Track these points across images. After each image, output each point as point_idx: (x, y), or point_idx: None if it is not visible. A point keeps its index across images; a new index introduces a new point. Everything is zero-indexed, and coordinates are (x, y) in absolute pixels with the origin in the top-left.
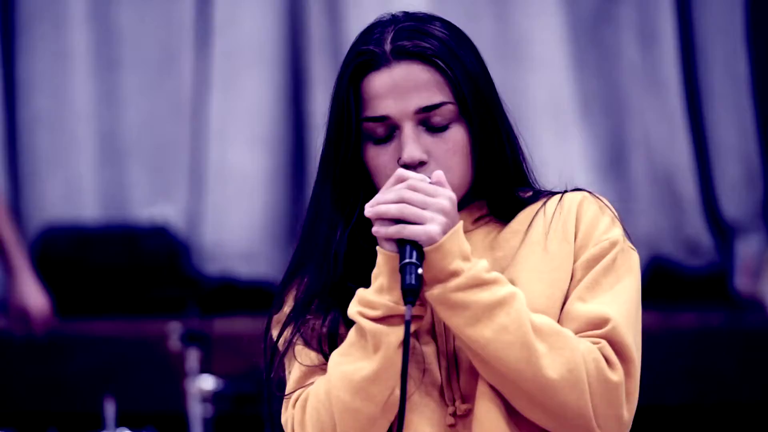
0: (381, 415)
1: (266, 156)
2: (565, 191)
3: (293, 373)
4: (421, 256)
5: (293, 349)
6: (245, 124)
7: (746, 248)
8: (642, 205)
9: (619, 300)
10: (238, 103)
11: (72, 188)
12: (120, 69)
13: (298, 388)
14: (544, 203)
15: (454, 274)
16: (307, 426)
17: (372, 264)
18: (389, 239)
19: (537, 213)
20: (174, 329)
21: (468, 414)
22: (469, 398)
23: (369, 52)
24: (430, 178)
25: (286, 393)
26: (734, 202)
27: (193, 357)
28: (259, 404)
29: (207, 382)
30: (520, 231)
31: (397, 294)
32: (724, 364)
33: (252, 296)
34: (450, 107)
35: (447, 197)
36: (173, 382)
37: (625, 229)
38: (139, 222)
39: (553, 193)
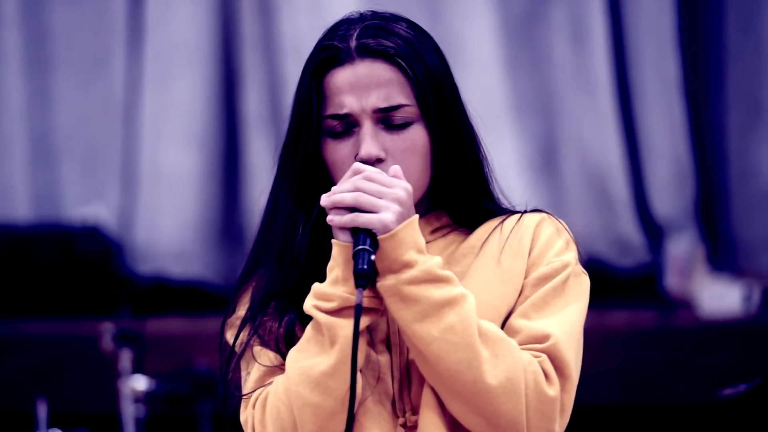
0: (341, 410)
1: (199, 156)
2: (525, 211)
3: (252, 374)
4: (375, 245)
5: (251, 350)
6: (178, 123)
7: (677, 247)
8: (574, 205)
9: (564, 321)
10: (171, 103)
11: (4, 188)
12: (52, 69)
13: (258, 388)
14: (503, 221)
15: (408, 265)
16: (268, 424)
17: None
18: (344, 229)
19: (494, 229)
20: (107, 329)
21: (417, 425)
22: (419, 410)
23: (333, 48)
24: (387, 173)
25: (245, 393)
26: (665, 202)
27: (125, 357)
28: (192, 404)
29: (140, 383)
30: (476, 247)
31: (352, 284)
32: (654, 363)
33: (185, 296)
34: (410, 108)
35: (403, 188)
36: (106, 382)
37: (579, 253)
38: (72, 222)
39: (514, 212)
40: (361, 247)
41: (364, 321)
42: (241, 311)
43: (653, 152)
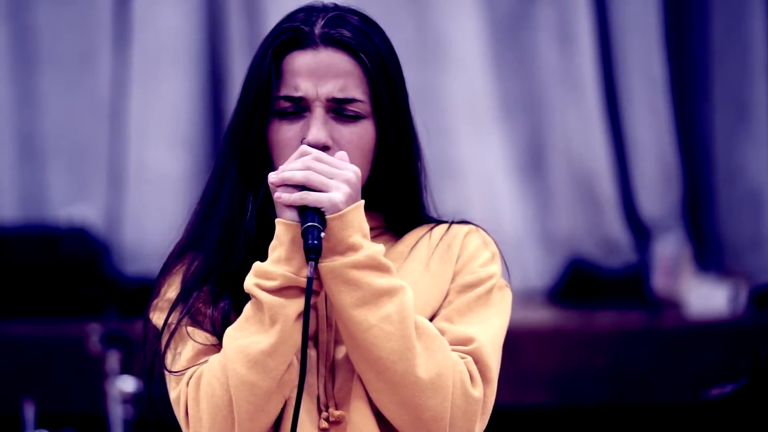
0: (277, 391)
1: (185, 156)
2: (453, 222)
3: (185, 353)
4: (323, 224)
5: (182, 330)
6: (164, 123)
7: (663, 248)
8: (561, 205)
9: (486, 328)
10: (157, 103)
11: None
12: (38, 69)
13: (191, 366)
14: (431, 229)
15: (352, 248)
16: (202, 401)
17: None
18: (291, 207)
19: (423, 236)
20: (93, 330)
21: (341, 420)
22: (342, 405)
23: (298, 30)
24: None
25: (177, 370)
26: (652, 202)
27: (113, 358)
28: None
29: (127, 384)
30: (405, 252)
31: (296, 264)
32: (641, 363)
33: None
34: (363, 105)
35: (352, 170)
36: (93, 383)
37: (506, 268)
38: (58, 222)
39: (442, 221)
40: (310, 223)
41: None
42: (171, 293)
43: (640, 152)
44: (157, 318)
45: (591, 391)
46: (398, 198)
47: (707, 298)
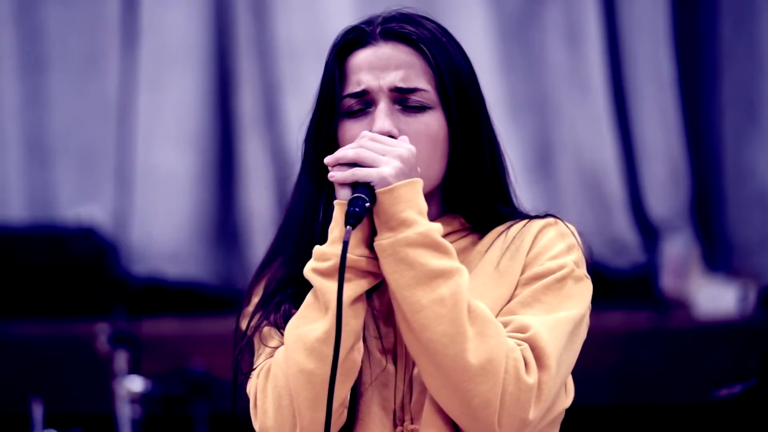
0: (339, 378)
1: (193, 156)
2: (536, 216)
3: (263, 355)
4: (373, 199)
5: (260, 333)
6: (172, 124)
7: (672, 248)
8: (569, 206)
9: (548, 317)
10: (165, 104)
11: None
12: (46, 69)
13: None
14: (509, 226)
15: (405, 223)
16: (268, 391)
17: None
18: (345, 186)
19: (500, 235)
20: (102, 330)
21: None
22: (417, 419)
23: (358, 30)
24: None
25: (254, 368)
26: (660, 202)
27: (121, 358)
28: (187, 405)
29: (135, 383)
30: (481, 252)
31: (352, 243)
32: (650, 363)
33: (180, 297)
34: (428, 94)
35: (406, 148)
36: (101, 383)
37: (587, 261)
38: (66, 223)
39: (524, 217)
40: (356, 195)
41: (364, 284)
42: (256, 299)
43: (648, 152)
44: (244, 324)
45: (599, 391)
46: (477, 196)
47: (716, 298)
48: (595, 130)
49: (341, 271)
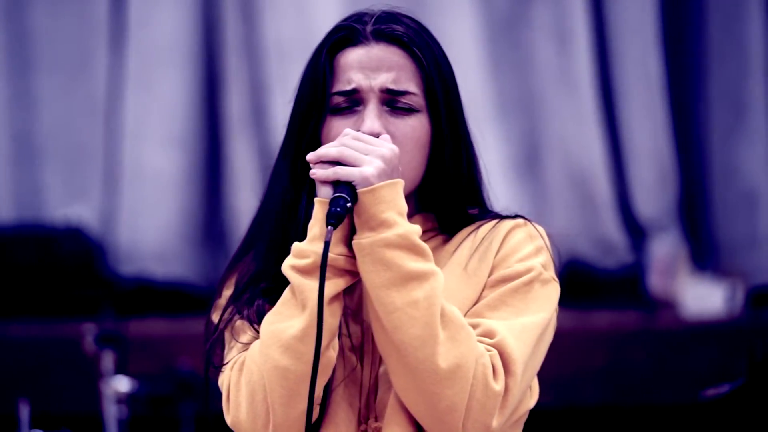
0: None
1: (181, 156)
2: (506, 217)
3: (235, 348)
4: (354, 198)
5: (236, 325)
6: (160, 124)
7: (660, 248)
8: (556, 206)
9: (516, 321)
10: (153, 103)
11: None
12: (34, 69)
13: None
14: (478, 227)
15: (385, 224)
16: (241, 385)
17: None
18: (326, 184)
19: (469, 235)
20: (89, 330)
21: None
22: (382, 418)
23: (350, 28)
24: None
25: (226, 362)
26: (648, 202)
27: (108, 358)
28: (175, 405)
29: (122, 384)
30: (450, 252)
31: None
32: (638, 364)
33: (167, 297)
34: (417, 98)
35: (389, 148)
36: (88, 383)
37: (555, 263)
38: (54, 223)
39: (494, 218)
40: (338, 194)
41: (341, 283)
42: (229, 291)
43: (636, 153)
44: (215, 317)
45: (587, 392)
46: (452, 197)
47: (703, 298)
48: (583, 130)
49: (322, 271)
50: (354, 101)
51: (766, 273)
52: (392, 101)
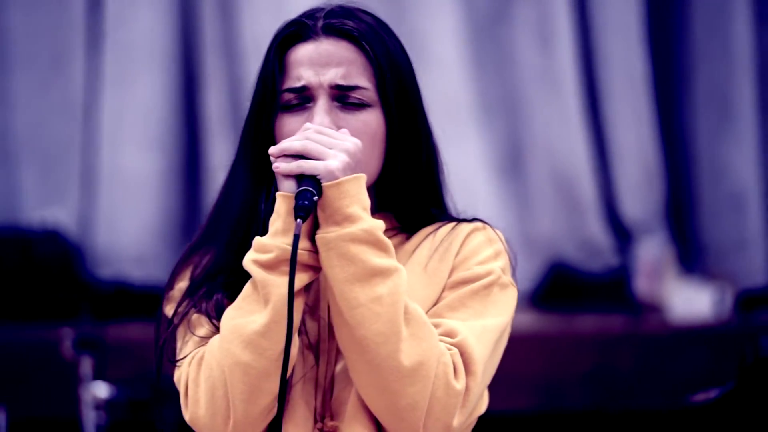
0: (274, 371)
1: (159, 157)
2: (464, 220)
3: (190, 343)
4: (319, 192)
5: (191, 319)
6: (138, 124)
7: (646, 250)
8: (540, 208)
9: (476, 323)
10: (131, 104)
11: None
12: (9, 69)
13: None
14: (438, 228)
15: (349, 218)
16: (200, 381)
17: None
18: (290, 178)
19: (428, 236)
20: (66, 335)
21: (334, 431)
22: (338, 416)
23: (300, 24)
24: None
25: (181, 358)
26: (634, 204)
27: (86, 363)
28: (154, 410)
29: (101, 389)
30: (409, 252)
31: (293, 235)
32: (624, 368)
33: (146, 301)
34: (368, 92)
35: (352, 142)
36: (66, 389)
37: (513, 267)
38: (31, 225)
39: (453, 220)
40: (304, 187)
41: (305, 278)
42: (183, 284)
43: (621, 153)
44: (169, 309)
45: (573, 396)
46: (410, 195)
47: (691, 301)
48: (566, 131)
49: (292, 265)
50: (304, 98)
51: (754, 275)
52: (342, 97)
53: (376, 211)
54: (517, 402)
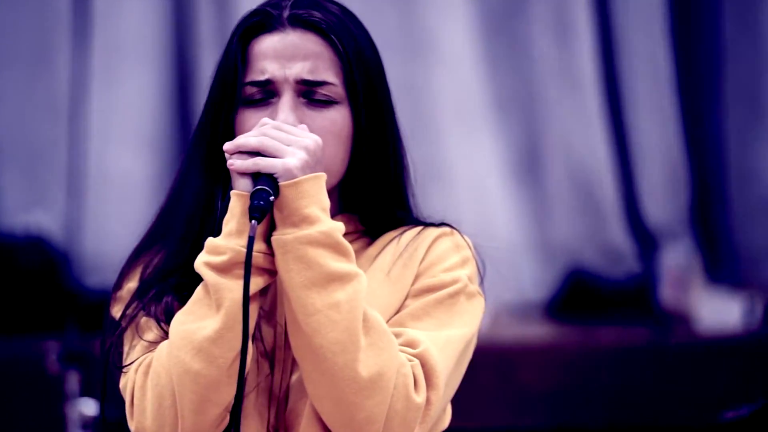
0: (225, 380)
1: (150, 158)
2: (431, 224)
3: (138, 347)
4: (276, 191)
5: (140, 323)
6: (127, 124)
7: (671, 257)
8: (559, 211)
9: (440, 334)
10: (120, 102)
11: None
12: None
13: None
14: (402, 232)
15: (307, 220)
16: (147, 389)
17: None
18: (245, 176)
19: (392, 240)
20: (51, 349)
21: None
22: (292, 429)
23: (265, 13)
24: None
25: (127, 363)
26: (658, 207)
27: (72, 379)
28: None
29: (88, 406)
30: (372, 257)
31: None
32: (647, 383)
33: None
34: (335, 88)
35: (312, 139)
36: (51, 406)
37: (481, 276)
38: (12, 231)
39: (419, 224)
40: (259, 187)
41: (260, 282)
42: (132, 286)
43: (644, 154)
44: (116, 311)
45: (592, 413)
46: (376, 197)
47: (719, 311)
48: (586, 130)
49: (247, 268)
50: (268, 92)
51: None
52: (309, 92)
53: (339, 213)
54: (531, 419)
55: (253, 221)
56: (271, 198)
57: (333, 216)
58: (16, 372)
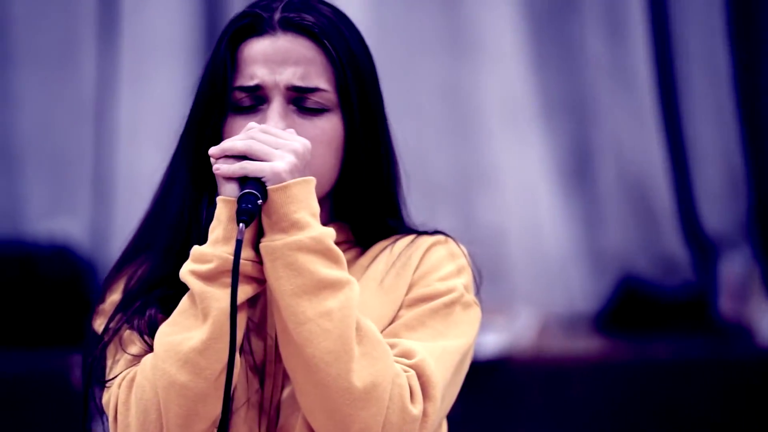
0: (213, 392)
1: None
2: (425, 232)
3: (122, 361)
4: (264, 196)
5: (124, 336)
6: (157, 125)
7: (729, 266)
8: (610, 218)
9: (436, 344)
10: (149, 103)
11: None
12: (13, 65)
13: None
14: (395, 241)
15: (297, 225)
16: (131, 404)
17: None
18: (232, 180)
19: (384, 249)
20: (76, 363)
21: None
22: None
23: (255, 15)
24: None
25: (110, 378)
26: (715, 214)
27: (98, 394)
28: None
29: None
30: (364, 266)
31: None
32: (705, 400)
33: None
34: (328, 95)
35: (300, 142)
36: (76, 424)
37: (476, 284)
38: (37, 239)
39: (411, 232)
40: (247, 190)
41: (249, 290)
42: (115, 296)
43: (701, 158)
44: (99, 324)
45: (645, 431)
46: (368, 205)
47: None
48: (640, 134)
49: (234, 276)
50: (257, 98)
51: None
52: (300, 99)
53: (331, 221)
54: None
55: (241, 225)
56: (259, 201)
57: (324, 225)
58: (40, 387)
